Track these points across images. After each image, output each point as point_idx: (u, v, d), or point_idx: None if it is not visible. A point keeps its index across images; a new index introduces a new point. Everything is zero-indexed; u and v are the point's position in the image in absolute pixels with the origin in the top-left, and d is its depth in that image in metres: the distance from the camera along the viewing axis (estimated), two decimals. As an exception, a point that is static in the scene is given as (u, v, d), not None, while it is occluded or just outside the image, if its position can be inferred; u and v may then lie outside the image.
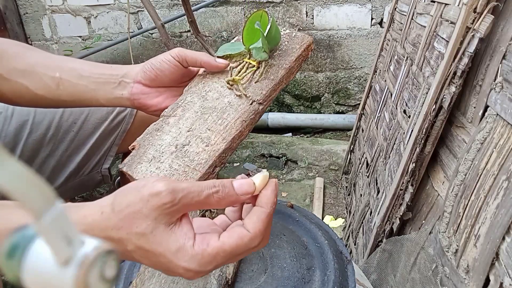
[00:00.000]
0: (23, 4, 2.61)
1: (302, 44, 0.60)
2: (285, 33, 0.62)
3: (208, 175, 0.48)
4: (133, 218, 0.34)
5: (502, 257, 0.55)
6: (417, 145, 0.85)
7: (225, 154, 0.50)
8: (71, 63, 0.58)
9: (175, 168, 0.48)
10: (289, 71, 0.58)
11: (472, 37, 0.72)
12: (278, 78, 0.56)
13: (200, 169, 0.48)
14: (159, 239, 0.35)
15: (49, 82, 0.56)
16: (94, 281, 0.24)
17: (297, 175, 2.05)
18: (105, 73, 0.57)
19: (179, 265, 0.35)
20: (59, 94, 0.57)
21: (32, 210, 0.23)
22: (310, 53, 0.61)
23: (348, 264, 0.58)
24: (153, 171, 0.48)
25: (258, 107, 0.54)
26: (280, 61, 0.58)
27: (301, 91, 2.59)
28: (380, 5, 2.29)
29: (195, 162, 0.48)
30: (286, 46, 0.60)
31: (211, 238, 0.36)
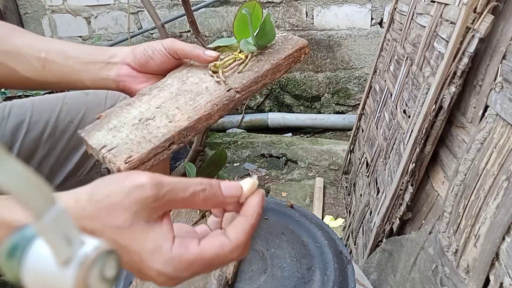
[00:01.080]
0: (23, 4, 2.61)
1: (295, 45, 0.58)
2: (281, 35, 0.61)
3: (162, 149, 0.46)
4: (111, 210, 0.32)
5: (502, 257, 0.55)
6: (417, 145, 0.85)
7: (186, 132, 0.49)
8: (58, 44, 0.57)
9: (131, 138, 0.47)
10: (276, 68, 0.56)
11: (472, 37, 0.72)
12: (262, 71, 0.55)
13: (155, 141, 0.46)
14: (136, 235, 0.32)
15: (35, 63, 0.55)
16: (94, 281, 0.24)
17: (297, 175, 2.05)
18: (92, 53, 0.56)
19: (153, 267, 0.33)
20: (44, 76, 0.56)
21: (32, 210, 0.23)
22: (303, 56, 0.60)
23: (348, 264, 0.58)
24: (108, 138, 0.47)
25: (234, 94, 0.53)
26: (269, 57, 0.57)
27: (301, 91, 2.59)
28: (380, 5, 2.29)
29: (152, 134, 0.47)
30: (279, 46, 0.59)
31: (190, 243, 0.34)
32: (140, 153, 0.45)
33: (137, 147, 0.45)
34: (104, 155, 0.45)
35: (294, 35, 0.61)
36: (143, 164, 0.45)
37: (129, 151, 0.45)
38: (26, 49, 0.56)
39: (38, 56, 0.55)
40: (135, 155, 0.44)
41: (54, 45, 0.57)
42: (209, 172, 0.62)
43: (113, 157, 0.45)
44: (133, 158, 0.44)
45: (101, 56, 0.56)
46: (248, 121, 2.58)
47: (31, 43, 0.57)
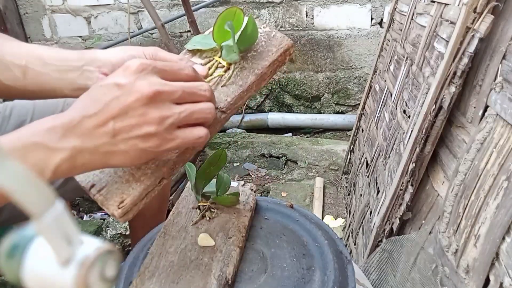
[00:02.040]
0: (23, 4, 2.61)
1: (280, 47, 0.54)
2: (264, 31, 0.56)
3: (153, 187, 0.45)
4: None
5: (502, 257, 0.55)
6: (417, 145, 0.85)
7: (175, 166, 0.47)
8: (39, 50, 0.55)
9: (119, 175, 0.45)
10: (261, 78, 0.52)
11: (472, 37, 0.72)
12: (246, 84, 0.51)
13: (145, 180, 0.44)
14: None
15: (16, 71, 0.53)
16: (94, 281, 0.24)
17: (297, 175, 2.05)
18: (69, 60, 0.53)
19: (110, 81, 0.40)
20: (25, 84, 0.54)
21: (32, 210, 0.23)
22: (288, 59, 0.55)
23: (348, 264, 0.58)
24: (96, 174, 0.46)
25: (220, 115, 0.49)
26: (252, 64, 0.53)
27: (301, 91, 2.59)
28: (380, 5, 2.29)
29: (141, 171, 0.45)
30: (263, 48, 0.54)
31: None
32: (132, 196, 0.43)
33: (128, 189, 0.44)
34: (94, 195, 0.44)
35: (278, 32, 0.56)
36: (136, 205, 0.44)
37: (121, 194, 0.43)
38: (9, 57, 0.54)
39: (20, 64, 0.53)
40: (127, 199, 0.43)
41: (34, 51, 0.54)
42: (209, 172, 0.62)
43: (104, 200, 0.44)
44: (125, 203, 0.43)
45: (78, 63, 0.53)
46: (248, 121, 2.58)
47: (14, 51, 0.54)
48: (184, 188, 0.69)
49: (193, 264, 0.52)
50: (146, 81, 0.39)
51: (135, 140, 0.39)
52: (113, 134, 0.39)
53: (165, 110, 0.40)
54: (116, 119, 0.39)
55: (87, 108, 0.39)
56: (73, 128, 0.38)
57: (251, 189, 0.69)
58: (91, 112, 0.38)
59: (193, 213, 0.62)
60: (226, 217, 0.61)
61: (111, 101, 0.39)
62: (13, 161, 0.22)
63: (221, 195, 0.63)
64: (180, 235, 0.58)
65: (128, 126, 0.39)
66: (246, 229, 0.60)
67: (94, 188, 0.45)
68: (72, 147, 0.38)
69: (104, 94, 0.39)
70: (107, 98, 0.39)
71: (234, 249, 0.55)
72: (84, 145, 0.38)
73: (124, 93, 0.39)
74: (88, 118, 0.38)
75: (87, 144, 0.38)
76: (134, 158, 0.41)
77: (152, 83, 0.39)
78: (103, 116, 0.38)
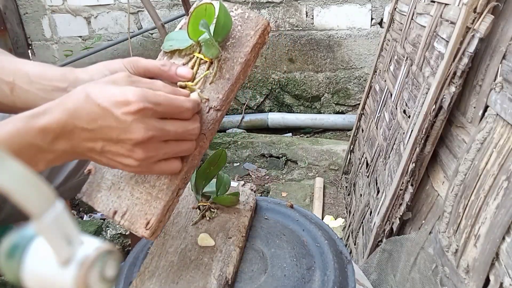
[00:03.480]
0: (23, 4, 2.61)
1: (257, 29, 0.52)
2: (237, 14, 0.54)
3: (173, 201, 0.46)
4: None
5: (502, 257, 0.55)
6: (417, 145, 0.85)
7: (187, 174, 0.48)
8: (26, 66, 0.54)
9: (137, 196, 0.46)
10: (246, 65, 0.51)
11: (472, 37, 0.72)
12: (234, 76, 0.50)
13: (163, 197, 0.45)
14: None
15: (4, 87, 0.53)
16: (94, 281, 0.24)
17: (297, 175, 2.05)
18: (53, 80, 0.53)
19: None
20: (13, 101, 0.54)
21: (32, 210, 0.23)
22: (267, 37, 0.54)
23: (348, 264, 0.58)
24: (114, 200, 0.47)
25: (216, 114, 0.49)
26: (234, 53, 0.52)
27: (301, 91, 2.59)
28: (380, 5, 2.29)
29: (157, 188, 0.46)
30: (240, 32, 0.53)
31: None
32: (155, 215, 0.45)
33: (149, 208, 0.45)
34: (119, 222, 0.46)
35: (251, 11, 0.54)
36: (161, 222, 0.46)
37: (144, 215, 0.45)
38: None
39: (7, 80, 0.53)
40: (152, 219, 0.45)
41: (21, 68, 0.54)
42: (209, 172, 0.62)
43: (131, 225, 0.45)
44: (152, 223, 0.45)
45: (62, 84, 0.53)
46: (248, 121, 2.58)
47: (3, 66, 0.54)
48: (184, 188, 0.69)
49: (193, 264, 0.52)
50: (142, 126, 0.40)
51: (117, 163, 0.43)
52: (100, 152, 0.42)
53: (151, 151, 0.42)
54: (106, 143, 0.41)
55: (81, 120, 0.40)
56: (65, 134, 0.40)
57: (251, 189, 0.69)
58: (85, 126, 0.40)
59: (193, 213, 0.62)
60: (226, 217, 0.61)
61: (106, 128, 0.40)
62: (13, 161, 0.22)
63: (221, 195, 0.63)
64: (180, 235, 0.58)
65: (114, 152, 0.42)
66: (246, 229, 0.60)
67: (117, 214, 0.46)
68: (63, 150, 0.41)
69: (100, 117, 0.40)
70: (102, 123, 0.40)
71: (234, 249, 0.55)
72: (72, 149, 0.41)
73: (120, 128, 0.40)
74: (81, 131, 0.40)
75: (75, 149, 0.41)
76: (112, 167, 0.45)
77: (148, 128, 0.41)
78: (94, 136, 0.41)
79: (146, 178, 0.47)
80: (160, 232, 0.47)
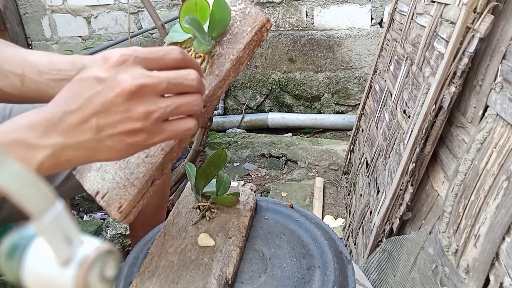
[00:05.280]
0: (23, 4, 2.61)
1: (254, 25, 0.50)
2: (239, 9, 0.52)
3: (146, 189, 0.48)
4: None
5: (502, 257, 0.55)
6: (417, 145, 0.85)
7: (164, 166, 0.48)
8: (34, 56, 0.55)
9: (117, 180, 0.49)
10: (237, 62, 0.50)
11: (472, 37, 0.72)
12: (223, 73, 0.49)
13: (138, 184, 0.47)
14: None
15: (14, 79, 0.54)
16: (94, 281, 0.24)
17: (297, 175, 2.05)
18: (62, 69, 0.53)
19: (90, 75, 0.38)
20: (24, 92, 0.55)
21: (32, 211, 0.23)
22: (265, 34, 0.51)
23: (348, 264, 0.58)
24: (99, 182, 0.50)
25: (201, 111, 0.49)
26: (228, 49, 0.50)
27: (301, 91, 2.59)
28: (380, 5, 2.29)
29: (134, 175, 0.48)
30: (238, 28, 0.51)
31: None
32: (128, 200, 0.47)
33: (124, 193, 0.47)
34: (98, 201, 0.49)
35: (253, 6, 0.52)
36: (135, 207, 0.48)
37: (119, 199, 0.47)
38: (6, 65, 0.54)
39: (17, 72, 0.54)
40: (125, 204, 0.47)
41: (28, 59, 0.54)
42: (209, 172, 0.62)
43: (107, 206, 0.48)
44: (123, 207, 0.47)
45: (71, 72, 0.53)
46: (248, 121, 2.58)
47: (10, 58, 0.55)
48: (184, 188, 0.69)
49: (193, 264, 0.52)
50: (128, 74, 0.37)
51: (121, 135, 0.38)
52: (97, 130, 0.37)
53: (150, 104, 0.38)
54: (99, 115, 0.37)
55: (68, 103, 0.37)
56: (54, 125, 0.37)
57: (251, 189, 0.69)
58: (72, 107, 0.37)
59: (193, 213, 0.62)
60: (226, 217, 0.61)
61: (92, 96, 0.37)
62: (13, 161, 0.22)
63: (221, 195, 0.63)
64: (180, 235, 0.58)
65: (112, 122, 0.37)
66: (246, 229, 0.60)
67: (98, 195, 0.49)
68: (55, 144, 0.37)
69: (84, 88, 0.37)
70: (88, 93, 0.37)
71: (234, 249, 0.55)
72: (67, 142, 0.37)
73: (105, 88, 0.37)
74: (70, 114, 0.37)
75: (69, 141, 0.37)
76: (122, 153, 0.39)
77: (134, 76, 0.37)
78: (85, 112, 0.37)
79: (128, 165, 0.49)
80: (134, 217, 0.48)
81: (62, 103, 0.38)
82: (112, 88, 0.37)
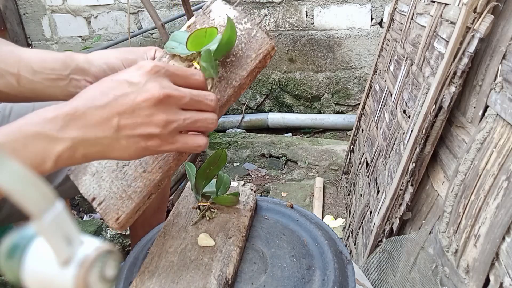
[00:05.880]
0: (23, 4, 2.61)
1: (259, 52, 0.50)
2: (244, 29, 0.52)
3: (143, 203, 0.49)
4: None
5: (502, 257, 0.55)
6: (417, 145, 0.85)
7: (161, 183, 0.50)
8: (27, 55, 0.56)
9: (114, 190, 0.49)
10: (239, 88, 0.51)
11: (472, 37, 0.72)
12: (224, 98, 0.50)
13: (135, 198, 0.48)
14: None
15: (10, 79, 0.54)
16: (94, 281, 0.24)
17: (297, 175, 2.05)
18: (54, 68, 0.54)
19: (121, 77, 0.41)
20: (21, 91, 0.55)
21: (32, 211, 0.23)
22: (269, 61, 0.52)
23: (348, 264, 0.58)
24: (95, 188, 0.50)
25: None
26: (230, 73, 0.51)
27: (301, 91, 2.59)
28: (380, 5, 2.29)
29: (131, 189, 0.49)
30: (242, 51, 0.51)
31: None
32: (125, 213, 0.48)
33: (122, 205, 0.48)
34: (95, 207, 0.50)
35: (259, 29, 0.52)
36: (131, 218, 0.49)
37: (116, 210, 0.48)
38: (1, 65, 0.55)
39: (12, 71, 0.54)
40: (122, 216, 0.48)
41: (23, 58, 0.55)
42: (209, 172, 0.62)
43: (104, 214, 0.49)
44: (121, 219, 0.48)
45: (64, 72, 0.54)
46: (248, 121, 2.58)
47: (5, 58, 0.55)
48: (184, 188, 0.69)
49: (193, 264, 0.52)
50: (157, 83, 0.40)
51: (138, 138, 0.40)
52: (116, 129, 0.39)
53: (171, 114, 0.40)
54: (122, 115, 0.39)
55: (95, 100, 0.39)
56: (76, 119, 0.39)
57: (251, 189, 0.69)
58: (98, 104, 0.39)
59: (193, 213, 0.62)
60: (226, 217, 0.61)
61: (120, 96, 0.39)
62: (13, 161, 0.22)
63: (221, 195, 0.63)
64: (180, 235, 0.58)
65: (133, 124, 0.40)
66: (246, 229, 0.60)
67: (95, 201, 0.50)
68: (73, 138, 0.39)
69: (114, 88, 0.40)
70: (116, 93, 0.39)
71: (234, 249, 0.55)
72: (85, 136, 0.39)
73: (134, 91, 0.40)
74: (94, 110, 0.39)
75: (88, 136, 0.39)
76: (133, 154, 0.42)
77: (163, 86, 0.40)
78: (110, 110, 0.39)
79: (125, 176, 0.49)
80: (129, 225, 0.51)
81: (88, 99, 0.40)
82: (140, 93, 0.39)
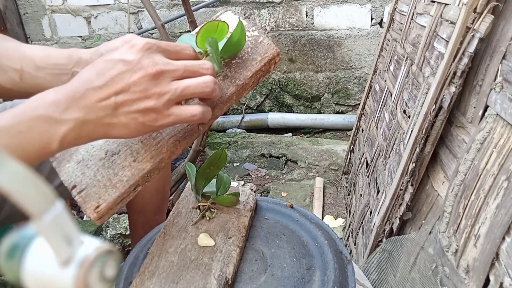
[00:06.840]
0: (23, 4, 2.61)
1: (264, 56, 0.52)
2: (252, 36, 0.54)
3: (128, 194, 0.47)
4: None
5: (502, 257, 0.55)
6: (417, 145, 0.85)
7: (150, 174, 0.48)
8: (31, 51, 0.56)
9: (98, 179, 0.47)
10: (242, 88, 0.51)
11: (472, 37, 0.72)
12: (226, 96, 0.50)
13: (120, 187, 0.46)
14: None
15: (13, 75, 0.55)
16: (94, 281, 0.24)
17: (297, 175, 2.05)
18: (59, 63, 0.54)
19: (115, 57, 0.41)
20: (24, 87, 0.55)
21: (32, 211, 0.23)
22: (273, 67, 0.53)
23: (348, 264, 0.58)
24: (78, 175, 0.48)
25: (196, 126, 0.49)
26: (235, 73, 0.51)
27: (301, 91, 2.59)
28: (380, 5, 2.29)
29: (117, 177, 0.47)
30: (248, 55, 0.53)
31: None
32: (107, 202, 0.46)
33: (104, 194, 0.46)
34: (74, 196, 0.47)
35: (266, 37, 0.54)
36: (111, 209, 0.47)
37: (97, 198, 0.46)
38: (4, 60, 0.55)
39: (15, 67, 0.54)
40: (103, 205, 0.46)
41: (27, 54, 0.55)
42: (209, 172, 0.62)
43: (83, 203, 0.46)
44: (101, 208, 0.46)
45: (68, 66, 0.54)
46: (248, 121, 2.58)
47: (9, 54, 0.55)
48: (184, 188, 0.69)
49: (193, 264, 0.52)
50: (150, 60, 0.41)
51: (135, 113, 0.41)
52: (114, 107, 0.40)
53: (164, 86, 0.41)
54: (119, 94, 0.40)
55: (92, 81, 0.40)
56: (76, 100, 0.40)
57: (251, 189, 0.69)
58: (95, 85, 0.40)
59: (193, 213, 0.62)
60: (226, 217, 0.61)
61: (116, 76, 0.40)
62: (13, 161, 0.22)
63: (221, 195, 0.63)
64: (180, 235, 0.58)
65: (129, 100, 0.41)
66: (246, 229, 0.60)
67: (75, 189, 0.47)
68: (76, 119, 0.40)
69: (109, 68, 0.41)
70: (112, 73, 0.40)
71: (234, 249, 0.55)
72: (87, 117, 0.40)
73: (129, 69, 0.40)
74: (92, 91, 0.40)
75: (89, 116, 0.40)
76: (133, 131, 0.42)
77: (156, 62, 0.41)
78: (107, 90, 0.40)
79: (112, 165, 0.48)
80: (108, 218, 0.48)
81: (85, 81, 0.41)
82: (135, 70, 0.41)
